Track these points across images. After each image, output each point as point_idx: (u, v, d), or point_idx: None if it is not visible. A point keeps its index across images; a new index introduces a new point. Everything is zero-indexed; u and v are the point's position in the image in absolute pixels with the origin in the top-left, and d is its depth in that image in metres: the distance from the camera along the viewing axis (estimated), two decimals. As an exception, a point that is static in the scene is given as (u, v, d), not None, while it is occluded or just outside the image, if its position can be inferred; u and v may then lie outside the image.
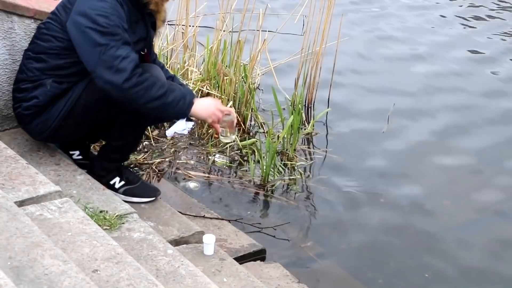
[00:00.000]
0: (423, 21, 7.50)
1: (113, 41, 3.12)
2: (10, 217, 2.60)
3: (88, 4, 3.17)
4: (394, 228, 4.10)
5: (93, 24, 3.13)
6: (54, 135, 3.43)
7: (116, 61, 3.11)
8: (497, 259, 3.90)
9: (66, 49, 3.28)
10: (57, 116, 3.33)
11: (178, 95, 3.23)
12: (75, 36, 3.19)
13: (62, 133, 3.42)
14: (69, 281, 2.33)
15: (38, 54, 3.35)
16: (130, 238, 3.05)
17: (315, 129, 5.06)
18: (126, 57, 3.13)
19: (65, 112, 3.32)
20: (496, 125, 5.38)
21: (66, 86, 3.32)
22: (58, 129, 3.37)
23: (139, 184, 3.62)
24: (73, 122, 3.35)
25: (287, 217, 4.09)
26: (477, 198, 4.44)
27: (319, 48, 5.24)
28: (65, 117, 3.33)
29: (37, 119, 3.37)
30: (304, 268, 3.69)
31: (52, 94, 3.32)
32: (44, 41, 3.34)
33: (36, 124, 3.39)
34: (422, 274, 3.72)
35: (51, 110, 3.34)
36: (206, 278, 2.87)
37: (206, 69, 5.06)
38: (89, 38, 3.13)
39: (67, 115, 3.33)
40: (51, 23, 3.33)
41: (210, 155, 4.53)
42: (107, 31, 3.13)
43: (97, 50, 3.12)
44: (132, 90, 3.13)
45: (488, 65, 6.47)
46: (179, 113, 3.28)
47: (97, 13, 3.13)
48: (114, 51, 3.12)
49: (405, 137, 5.13)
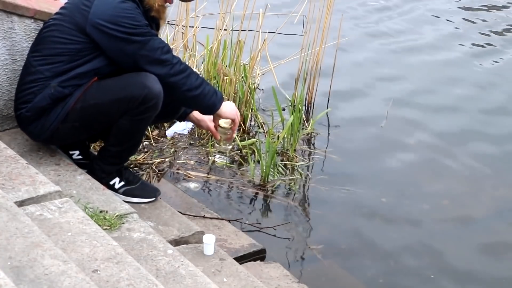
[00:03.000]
0: (423, 15, 7.51)
1: (145, 36, 3.24)
2: (10, 217, 2.60)
3: (110, 7, 3.22)
4: (394, 227, 4.10)
5: (122, 27, 3.20)
6: (52, 138, 3.43)
7: (157, 53, 3.26)
8: (497, 259, 3.90)
9: (81, 51, 3.28)
10: (55, 119, 3.33)
11: (212, 88, 3.41)
12: (104, 40, 3.23)
13: (59, 136, 3.42)
14: (69, 281, 2.33)
15: (49, 56, 3.32)
16: (130, 238, 3.05)
17: (315, 129, 5.06)
18: (163, 47, 3.28)
19: (62, 116, 3.32)
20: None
21: (68, 91, 3.31)
22: (56, 132, 3.37)
23: (139, 185, 3.62)
24: (70, 126, 3.35)
25: (287, 217, 4.09)
26: (477, 198, 4.44)
27: (319, 48, 5.24)
28: (62, 121, 3.33)
29: (36, 121, 3.37)
30: (304, 268, 3.70)
31: (54, 98, 3.31)
32: (57, 43, 3.31)
33: (35, 126, 3.39)
34: (422, 274, 3.73)
35: (50, 113, 3.34)
36: (206, 278, 2.87)
37: (206, 69, 5.06)
38: (122, 40, 3.21)
39: (64, 119, 3.33)
40: (64, 25, 3.30)
41: (210, 155, 4.52)
42: (138, 32, 3.23)
43: (133, 47, 3.23)
44: (176, 78, 3.29)
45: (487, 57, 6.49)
46: (211, 105, 3.43)
47: (124, 15, 3.21)
48: (152, 44, 3.24)
49: (405, 137, 5.13)
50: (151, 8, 3.36)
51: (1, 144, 3.35)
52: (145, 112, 3.31)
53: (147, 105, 3.28)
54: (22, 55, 3.60)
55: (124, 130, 3.38)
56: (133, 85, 3.28)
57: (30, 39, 3.59)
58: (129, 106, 3.28)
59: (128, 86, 3.29)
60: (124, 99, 3.27)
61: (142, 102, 3.26)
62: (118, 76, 3.33)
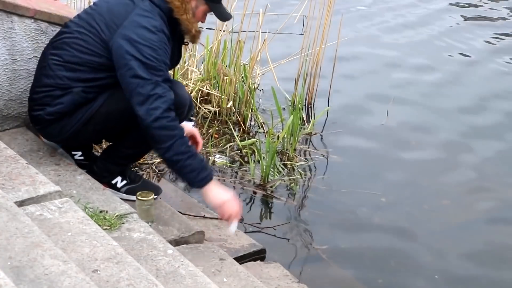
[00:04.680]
0: (423, 15, 7.51)
1: (154, 76, 3.10)
2: (10, 217, 2.60)
3: (137, 32, 3.13)
4: (394, 227, 4.10)
5: (139, 54, 3.10)
6: (68, 139, 3.41)
7: (151, 99, 3.08)
8: (498, 259, 3.90)
9: (103, 65, 3.24)
10: (77, 122, 3.31)
11: (197, 164, 3.15)
12: (118, 60, 3.15)
13: (77, 138, 3.40)
14: (69, 281, 2.33)
15: (70, 63, 3.28)
16: (130, 238, 3.05)
17: (315, 129, 5.06)
18: (162, 96, 3.10)
19: (86, 119, 3.30)
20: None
21: (93, 96, 3.29)
22: (75, 134, 3.35)
23: (141, 183, 3.62)
24: (92, 129, 3.33)
25: (287, 217, 4.09)
26: (477, 198, 4.44)
27: (319, 48, 5.25)
28: (85, 123, 3.31)
29: (56, 123, 3.34)
30: (304, 268, 3.69)
31: (78, 102, 3.29)
32: (80, 52, 3.26)
33: (54, 128, 3.36)
34: (422, 274, 3.73)
35: (72, 116, 3.31)
36: (206, 278, 2.87)
37: (206, 69, 5.07)
38: (131, 67, 3.10)
39: (87, 122, 3.31)
40: (90, 36, 3.25)
41: (210, 155, 4.53)
42: (151, 65, 3.11)
43: (135, 81, 3.10)
44: (158, 132, 3.11)
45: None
46: (189, 180, 3.24)
47: (146, 44, 3.11)
48: (152, 88, 3.09)
49: (405, 137, 5.13)
50: (187, 33, 3.31)
51: (1, 144, 3.35)
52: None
53: (176, 112, 3.20)
54: (22, 55, 3.60)
55: (144, 135, 3.29)
56: None
57: (30, 39, 3.59)
58: None
59: None
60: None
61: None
62: None
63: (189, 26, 3.27)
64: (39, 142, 3.59)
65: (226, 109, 4.88)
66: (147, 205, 3.35)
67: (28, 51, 3.61)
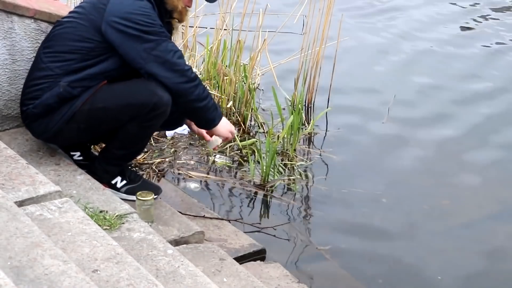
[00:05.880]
0: (425, 17, 7.52)
1: (159, 36, 3.20)
2: (10, 217, 2.60)
3: (125, 5, 3.20)
4: (394, 227, 4.09)
5: (136, 24, 3.18)
6: (55, 137, 3.43)
7: (169, 55, 3.21)
8: (497, 260, 3.89)
9: (94, 50, 3.27)
10: (60, 119, 3.32)
11: (215, 104, 3.40)
12: (117, 37, 3.20)
13: (63, 137, 3.41)
14: (69, 281, 2.33)
15: (61, 53, 3.31)
16: (130, 238, 3.05)
17: (315, 129, 5.06)
18: (177, 51, 3.24)
19: (68, 117, 3.31)
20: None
21: (77, 92, 3.30)
22: (59, 132, 3.36)
23: (141, 183, 3.62)
24: (75, 127, 3.34)
25: (287, 217, 4.09)
26: (478, 198, 4.44)
27: (319, 48, 5.24)
28: (68, 121, 3.32)
29: (41, 119, 3.36)
30: (304, 268, 3.69)
31: (62, 97, 3.30)
32: (70, 40, 3.30)
33: (39, 124, 3.38)
34: (422, 274, 3.72)
35: (55, 112, 3.33)
36: (206, 278, 2.87)
37: (206, 69, 5.06)
38: (135, 37, 3.18)
39: (69, 120, 3.32)
40: (79, 23, 3.30)
41: (210, 155, 4.52)
42: (152, 30, 3.20)
43: (146, 46, 3.18)
44: (186, 85, 3.25)
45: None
46: (211, 120, 3.42)
47: (139, 13, 3.18)
48: (165, 46, 3.21)
49: (405, 137, 5.13)
50: (174, 10, 3.35)
51: (1, 144, 3.35)
52: (153, 119, 3.32)
53: (156, 112, 3.28)
54: (22, 55, 3.60)
55: (131, 135, 3.38)
56: (144, 91, 3.27)
57: (30, 39, 3.59)
58: (138, 112, 3.27)
59: (138, 92, 3.28)
60: (133, 105, 3.27)
61: (152, 109, 3.26)
62: (128, 80, 3.33)
63: (174, 2, 3.33)
64: (39, 142, 3.59)
65: (226, 109, 4.88)
66: (147, 205, 3.36)
67: (28, 51, 3.61)
